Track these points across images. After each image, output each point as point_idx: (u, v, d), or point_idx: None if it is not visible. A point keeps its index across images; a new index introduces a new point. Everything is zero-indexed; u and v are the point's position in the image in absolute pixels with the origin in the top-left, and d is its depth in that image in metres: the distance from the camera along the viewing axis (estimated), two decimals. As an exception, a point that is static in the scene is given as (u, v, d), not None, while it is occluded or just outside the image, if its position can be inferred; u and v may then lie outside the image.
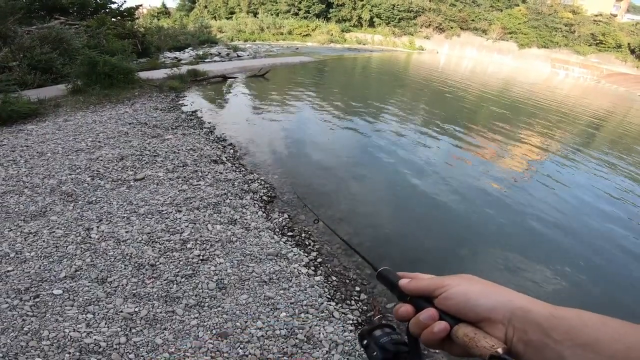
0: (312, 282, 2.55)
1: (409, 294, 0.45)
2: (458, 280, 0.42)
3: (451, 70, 21.77)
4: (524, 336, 0.35)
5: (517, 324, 0.36)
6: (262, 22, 30.50)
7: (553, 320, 0.34)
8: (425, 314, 0.41)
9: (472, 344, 0.37)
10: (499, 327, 0.37)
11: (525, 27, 34.33)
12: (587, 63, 31.48)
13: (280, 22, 31.83)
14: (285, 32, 30.63)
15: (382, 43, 33.55)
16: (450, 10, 36.23)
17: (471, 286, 0.40)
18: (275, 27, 30.69)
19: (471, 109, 11.50)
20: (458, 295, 0.40)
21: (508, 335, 0.36)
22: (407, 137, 6.96)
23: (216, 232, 2.86)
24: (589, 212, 4.76)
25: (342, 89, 11.82)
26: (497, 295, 0.39)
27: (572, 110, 13.94)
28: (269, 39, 27.89)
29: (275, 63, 14.32)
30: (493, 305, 0.38)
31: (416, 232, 3.64)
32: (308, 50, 21.70)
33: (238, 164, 4.44)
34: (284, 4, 37.74)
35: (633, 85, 25.76)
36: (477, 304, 0.38)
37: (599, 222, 4.47)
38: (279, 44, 25.54)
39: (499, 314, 0.37)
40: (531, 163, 6.75)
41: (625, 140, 10.66)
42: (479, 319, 0.38)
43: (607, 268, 3.53)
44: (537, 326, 0.34)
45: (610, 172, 6.73)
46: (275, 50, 19.76)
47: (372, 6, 36.40)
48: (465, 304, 0.39)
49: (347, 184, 4.46)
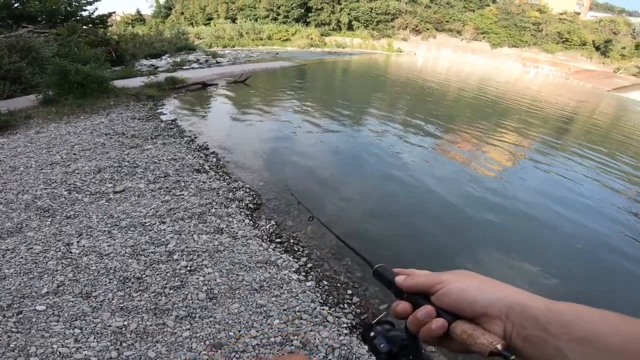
0: (304, 287, 2.55)
1: (405, 291, 0.44)
2: (455, 277, 0.41)
3: (429, 71, 22.34)
4: (523, 331, 0.35)
5: (515, 320, 0.36)
6: (241, 28, 30.34)
7: (550, 315, 0.34)
8: (422, 312, 0.41)
9: (471, 341, 0.37)
10: (497, 322, 0.37)
11: (496, 27, 35.72)
12: (555, 61, 33.05)
13: (259, 28, 31.76)
14: (265, 37, 30.58)
15: (361, 46, 34.04)
16: (425, 12, 37.25)
17: (468, 282, 0.40)
18: (255, 33, 30.59)
19: (451, 109, 11.83)
20: (455, 291, 0.40)
21: (507, 331, 0.36)
22: (391, 138, 7.07)
23: (203, 242, 2.82)
24: (570, 205, 4.96)
25: (324, 93, 11.90)
26: (494, 290, 0.38)
27: (545, 107, 14.58)
28: (249, 44, 27.75)
29: (256, 68, 14.25)
30: (490, 301, 0.37)
31: (405, 232, 3.69)
32: (288, 55, 21.72)
33: (222, 172, 4.37)
34: (263, 9, 37.73)
35: (599, 81, 27.22)
36: (475, 300, 0.38)
37: (582, 214, 4.66)
38: (258, 49, 25.45)
39: (496, 310, 0.37)
40: (512, 158, 7.00)
41: (598, 133, 11.24)
42: (476, 315, 0.38)
43: (595, 259, 3.68)
44: (534, 321, 0.34)
45: (588, 164, 7.06)
46: (255, 56, 19.67)
47: (350, 10, 36.94)
48: (462, 300, 0.39)
49: (333, 187, 4.47)
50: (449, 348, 0.41)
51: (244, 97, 9.36)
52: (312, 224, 3.40)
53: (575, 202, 5.07)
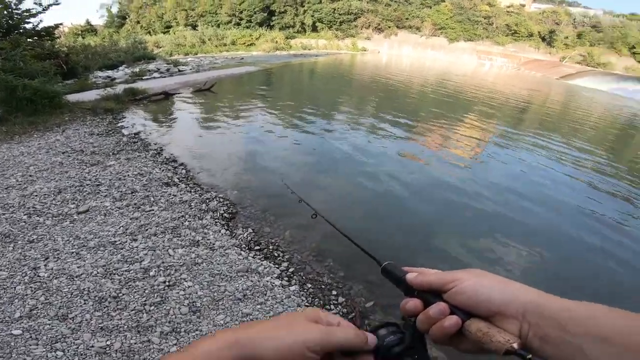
0: (288, 292, 2.55)
1: (416, 289, 0.43)
2: (469, 275, 0.41)
3: (393, 68, 23.01)
4: (540, 331, 0.35)
5: (532, 319, 0.35)
6: (203, 35, 29.59)
7: (569, 314, 0.34)
8: (435, 309, 0.40)
9: (487, 339, 0.36)
10: (513, 321, 0.36)
11: (451, 22, 37.48)
12: (507, 52, 35.22)
13: (222, 33, 31.14)
14: (229, 43, 30.03)
15: (326, 47, 34.35)
16: (386, 10, 38.32)
17: (483, 280, 0.40)
18: (217, 39, 29.96)
19: (416, 104, 12.27)
20: (469, 289, 0.39)
21: (523, 331, 0.36)
22: (362, 137, 7.20)
23: (179, 257, 2.77)
24: (537, 188, 5.31)
25: (293, 96, 11.91)
26: (509, 289, 0.38)
27: (501, 98, 15.50)
28: (212, 50, 27.13)
29: (221, 75, 13.96)
30: (506, 300, 0.37)
31: (383, 226, 3.78)
32: (253, 60, 21.49)
33: (192, 184, 4.26)
34: (225, 14, 37.07)
35: (548, 70, 29.34)
36: (490, 298, 0.38)
37: (548, 197, 5.00)
38: (222, 55, 24.95)
39: (512, 309, 0.37)
40: (477, 149, 7.39)
41: (553, 119, 12.12)
42: (491, 313, 0.38)
43: (567, 242, 3.94)
44: (553, 320, 0.34)
45: (548, 148, 7.60)
46: (219, 62, 19.27)
47: (313, 11, 37.21)
48: (477, 298, 0.38)
49: (310, 189, 4.49)
50: (458, 347, 0.41)
51: (210, 105, 9.15)
52: (291, 228, 3.41)
53: (539, 186, 5.45)
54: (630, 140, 10.74)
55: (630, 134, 11.39)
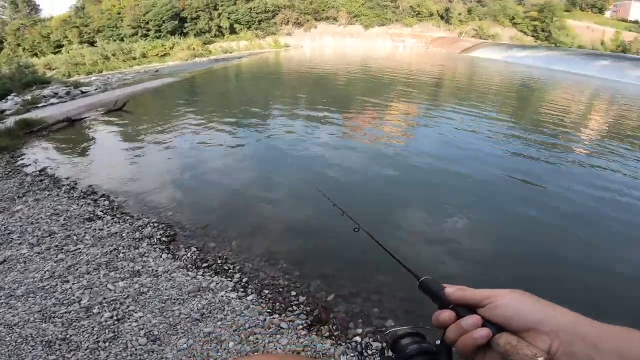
0: (246, 303, 2.51)
1: (454, 302, 0.45)
2: (508, 293, 0.42)
3: (318, 60, 23.40)
4: (569, 349, 0.35)
5: (564, 337, 0.36)
6: (105, 50, 26.60)
7: (601, 334, 0.35)
8: (469, 320, 0.42)
9: (514, 351, 0.37)
10: (544, 338, 0.37)
11: (364, 9, 39.28)
12: (415, 33, 38.24)
13: (128, 47, 28.35)
14: (139, 56, 27.49)
15: (248, 48, 33.49)
16: (302, 3, 38.56)
17: (523, 298, 0.41)
18: (124, 53, 27.22)
19: (344, 90, 12.69)
20: (509, 304, 0.41)
21: (552, 348, 0.37)
22: (300, 130, 7.22)
23: (121, 289, 2.63)
24: (461, 154, 5.86)
25: (222, 101, 11.39)
26: (549, 308, 0.40)
27: (417, 75, 16.84)
28: (119, 66, 24.58)
29: (134, 91, 12.73)
30: (544, 317, 0.38)
31: (330, 212, 3.84)
32: (171, 71, 20.01)
33: (120, 213, 3.89)
34: (128, 27, 33.80)
35: (450, 46, 32.58)
36: (529, 314, 0.39)
37: (472, 161, 5.53)
38: (133, 69, 22.77)
39: (547, 326, 0.38)
40: (406, 124, 7.94)
41: (463, 89, 13.51)
42: (524, 329, 0.39)
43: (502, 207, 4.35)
44: (584, 339, 0.35)
45: (465, 116, 8.44)
46: (130, 78, 17.55)
47: (229, 13, 35.85)
48: (514, 313, 0.40)
49: (252, 200, 4.30)
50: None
51: (128, 125, 8.30)
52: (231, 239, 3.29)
53: (463, 151, 6.06)
54: (530, 97, 12.54)
55: (527, 93, 13.28)
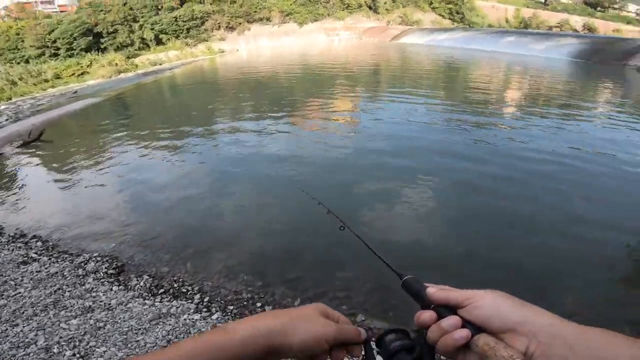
0: (212, 322, 2.47)
1: (435, 302, 0.45)
2: (488, 294, 0.43)
3: (256, 62, 23.03)
4: (547, 350, 0.36)
5: (543, 338, 0.36)
6: (10, 75, 23.37)
7: (579, 336, 0.35)
8: (449, 321, 0.42)
9: (492, 353, 0.38)
10: (522, 340, 0.38)
11: (296, 6, 39.30)
12: (348, 25, 39.32)
13: (37, 69, 25.20)
14: (51, 78, 24.56)
15: (180, 57, 31.66)
16: (232, 7, 37.32)
17: (503, 299, 0.42)
18: (33, 76, 24.16)
19: (287, 90, 12.68)
20: (488, 305, 0.41)
21: (529, 349, 0.37)
22: (247, 137, 7.06)
23: (76, 327, 2.50)
24: (407, 134, 6.28)
25: (158, 117, 10.68)
26: (528, 310, 0.40)
27: (355, 65, 17.41)
28: (32, 90, 21.76)
29: (52, 117, 11.44)
30: (523, 318, 0.39)
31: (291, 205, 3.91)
32: (93, 90, 18.28)
33: (57, 252, 3.60)
34: (32, 48, 30.00)
35: (380, 34, 34.10)
36: (508, 315, 0.39)
37: (417, 139, 5.98)
38: (48, 93, 20.36)
39: (525, 328, 0.38)
40: (356, 110, 8.31)
41: (398, 75, 14.26)
42: (504, 330, 0.39)
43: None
44: (562, 340, 0.35)
45: (404, 100, 8.95)
46: (45, 103, 15.73)
47: (152, 24, 33.39)
48: (493, 314, 0.40)
49: (202, 217, 4.17)
50: None
51: (49, 157, 7.46)
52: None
53: (408, 131, 6.47)
54: (455, 77, 13.65)
55: (452, 74, 14.44)
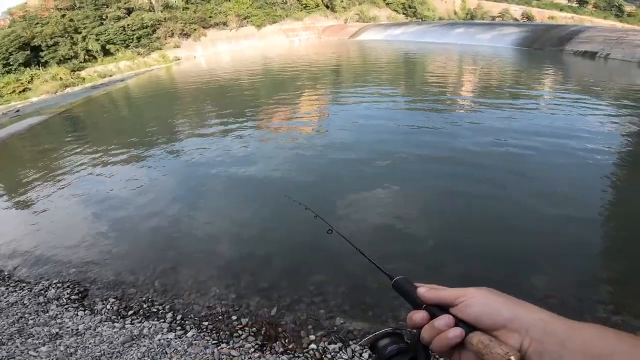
0: (188, 340, 2.37)
1: (427, 302, 0.45)
2: (479, 291, 0.43)
3: (216, 68, 22.38)
4: (540, 346, 0.36)
5: (535, 335, 0.37)
6: (-63, 96, 20.98)
7: (571, 332, 0.35)
8: (441, 320, 0.42)
9: (487, 351, 0.37)
10: (515, 336, 0.38)
11: (253, 9, 38.70)
12: (307, 25, 39.41)
13: (-32, 88, 22.86)
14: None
15: (132, 68, 30.05)
16: (185, 14, 35.97)
17: (494, 297, 0.42)
18: (-36, 97, 21.87)
19: (251, 94, 12.48)
20: (480, 303, 0.41)
21: (523, 345, 0.37)
22: (213, 144, 6.88)
23: (46, 354, 2.37)
24: (374, 128, 6.47)
25: (113, 131, 10.07)
26: (519, 306, 0.40)
27: (316, 64, 17.50)
28: (-36, 114, 19.68)
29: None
30: (515, 315, 0.39)
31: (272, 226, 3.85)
32: (37, 107, 16.90)
33: (14, 282, 3.40)
34: (-39, 65, 27.20)
35: (339, 33, 34.52)
36: (500, 312, 0.39)
37: (385, 132, 6.18)
38: (-15, 114, 18.49)
39: (518, 324, 0.38)
40: (323, 110, 8.35)
41: (359, 72, 14.50)
42: (496, 327, 0.39)
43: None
44: (555, 336, 0.35)
45: (369, 96, 9.13)
46: (-17, 125, 14.27)
47: (97, 35, 31.40)
48: (485, 311, 0.40)
49: (167, 232, 4.00)
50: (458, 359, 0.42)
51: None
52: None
53: (375, 126, 6.65)
54: (413, 70, 14.15)
55: (410, 67, 14.96)
